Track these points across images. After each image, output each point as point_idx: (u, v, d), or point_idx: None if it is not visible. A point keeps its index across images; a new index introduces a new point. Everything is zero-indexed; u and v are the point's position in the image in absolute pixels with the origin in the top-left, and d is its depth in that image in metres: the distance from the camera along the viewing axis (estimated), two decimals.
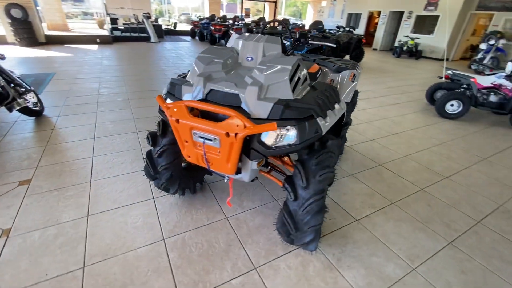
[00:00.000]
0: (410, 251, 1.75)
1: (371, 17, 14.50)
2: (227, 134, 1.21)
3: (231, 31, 9.16)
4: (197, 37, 13.13)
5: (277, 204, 2.11)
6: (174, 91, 1.53)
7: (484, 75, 4.60)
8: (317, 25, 7.69)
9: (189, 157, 1.46)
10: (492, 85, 4.14)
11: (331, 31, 9.10)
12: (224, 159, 1.33)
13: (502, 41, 8.31)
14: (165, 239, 1.72)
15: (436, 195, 2.35)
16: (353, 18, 14.79)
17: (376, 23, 14.64)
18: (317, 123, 1.31)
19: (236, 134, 1.20)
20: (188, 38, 13.60)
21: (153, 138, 1.75)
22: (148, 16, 10.25)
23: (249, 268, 1.56)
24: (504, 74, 4.08)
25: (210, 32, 11.06)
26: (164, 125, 1.74)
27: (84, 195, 2.06)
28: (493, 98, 4.16)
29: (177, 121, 1.32)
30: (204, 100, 1.41)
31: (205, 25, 11.64)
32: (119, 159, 2.57)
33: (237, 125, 1.19)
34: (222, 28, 10.50)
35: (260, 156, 1.35)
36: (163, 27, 12.95)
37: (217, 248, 1.68)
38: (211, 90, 1.40)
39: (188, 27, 15.43)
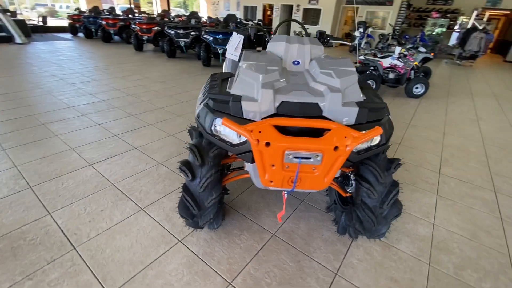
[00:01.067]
0: None
1: (265, 10, 15.57)
2: (335, 148, 1.12)
3: (134, 26, 7.93)
4: (80, 34, 10.77)
5: (306, 204, 2.10)
6: (226, 109, 1.27)
7: (377, 57, 5.81)
8: (232, 18, 7.69)
9: (271, 182, 1.26)
10: (390, 65, 5.30)
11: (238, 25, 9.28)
12: (322, 175, 1.22)
13: (370, 29, 10.62)
14: (232, 282, 1.46)
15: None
16: (249, 11, 15.49)
17: (269, 15, 15.88)
18: (390, 119, 1.38)
19: (346, 146, 1.12)
20: (68, 35, 10.97)
21: (189, 169, 1.41)
22: (5, 10, 7.59)
23: (332, 276, 1.54)
24: (396, 56, 5.29)
25: (102, 28, 9.26)
26: (200, 151, 1.42)
27: (81, 270, 1.46)
28: (391, 75, 5.35)
29: (267, 144, 1.11)
30: (275, 115, 1.24)
31: (91, 19, 9.64)
32: (92, 207, 1.93)
33: (345, 137, 1.12)
34: (118, 23, 8.97)
35: (349, 163, 1.31)
36: (28, 22, 9.91)
37: (289, 270, 1.56)
38: (281, 102, 1.24)
39: (61, 22, 12.39)
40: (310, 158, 1.16)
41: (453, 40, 10.97)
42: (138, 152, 2.67)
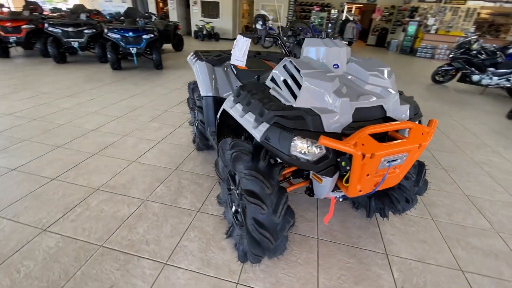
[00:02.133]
0: None
1: (157, 2, 14.20)
2: (419, 146, 1.20)
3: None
4: None
5: (324, 202, 2.18)
6: (304, 125, 1.14)
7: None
8: (134, 12, 6.63)
9: (361, 191, 1.23)
10: None
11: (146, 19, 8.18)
12: (401, 173, 1.29)
13: (270, 22, 11.40)
14: None
15: None
16: (138, 2, 13.78)
17: (163, 8, 14.67)
18: None
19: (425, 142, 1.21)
20: None
21: (261, 200, 1.22)
22: None
23: (385, 257, 1.68)
24: None
25: None
26: (265, 177, 1.24)
27: None
28: None
29: (371, 156, 1.08)
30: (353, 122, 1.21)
31: None
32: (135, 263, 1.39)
33: (422, 134, 1.21)
34: (24, 26, 6.02)
35: None
36: None
37: (353, 266, 1.61)
38: (355, 109, 1.21)
39: None
40: (397, 159, 1.20)
41: (328, 29, 13.18)
42: (106, 194, 2.06)
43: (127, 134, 3.02)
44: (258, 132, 1.20)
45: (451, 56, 6.27)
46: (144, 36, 5.55)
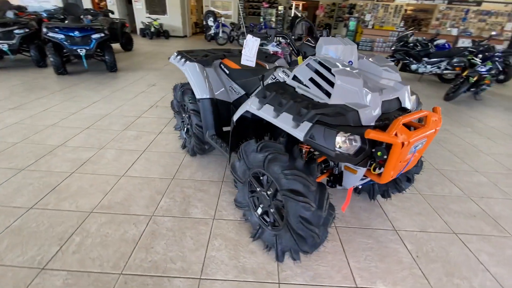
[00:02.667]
0: None
1: None
2: (435, 131, 1.35)
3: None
4: None
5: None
6: (344, 121, 1.19)
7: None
8: (74, 9, 5.80)
9: (392, 176, 1.34)
10: (273, 52, 6.03)
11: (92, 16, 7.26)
12: (419, 156, 1.43)
13: (223, 18, 11.23)
14: (358, 285, 1.48)
15: None
16: None
17: (99, 4, 13.28)
18: None
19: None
20: None
21: (307, 197, 1.24)
22: None
23: (395, 233, 1.87)
24: (275, 43, 6.07)
25: None
26: (307, 174, 1.28)
27: None
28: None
29: (408, 143, 1.19)
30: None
31: None
32: None
33: (435, 119, 1.37)
34: None
35: None
36: None
37: (374, 246, 1.75)
38: (382, 102, 1.31)
39: None
40: (419, 145, 1.35)
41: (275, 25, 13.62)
42: (105, 216, 1.83)
43: (103, 147, 2.70)
44: (300, 131, 1.21)
45: (393, 48, 7.08)
46: (94, 36, 4.96)
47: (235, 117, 1.63)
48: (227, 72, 2.30)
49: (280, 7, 15.32)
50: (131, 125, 3.24)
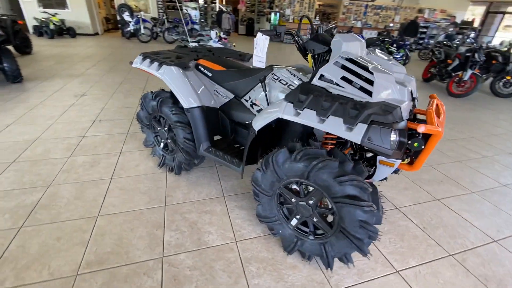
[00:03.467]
0: None
1: None
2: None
3: None
4: None
5: None
6: (392, 118, 1.19)
7: (188, 43, 6.07)
8: None
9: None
10: None
11: None
12: None
13: (142, 13, 10.07)
14: (399, 271, 1.56)
15: None
16: None
17: None
18: None
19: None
20: None
21: (366, 200, 1.22)
22: None
23: (398, 212, 2.06)
24: (217, 40, 5.81)
25: None
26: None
27: None
28: None
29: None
30: None
31: None
32: None
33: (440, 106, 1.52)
34: None
35: None
36: None
37: (397, 220, 1.88)
38: None
39: None
40: None
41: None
42: (102, 275, 1.40)
43: (51, 184, 2.07)
44: (356, 134, 1.15)
45: None
46: None
47: (258, 126, 1.46)
48: (210, 74, 2.05)
49: (201, 1, 14.76)
50: (77, 148, 2.58)
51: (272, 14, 13.93)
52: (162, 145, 2.28)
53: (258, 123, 1.46)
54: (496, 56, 5.01)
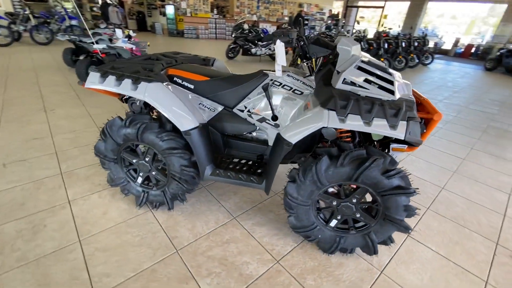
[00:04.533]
0: None
1: None
2: None
3: None
4: None
5: None
6: (414, 112, 1.38)
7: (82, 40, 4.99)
8: None
9: None
10: (128, 49, 4.91)
11: None
12: None
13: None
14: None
15: None
16: None
17: None
18: None
19: None
20: None
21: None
22: None
23: None
24: (126, 40, 4.94)
25: None
26: None
27: None
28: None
29: None
30: None
31: None
32: None
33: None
34: None
35: None
36: None
37: None
38: None
39: None
40: None
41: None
42: None
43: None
44: (399, 132, 1.27)
45: (233, 36, 7.78)
46: None
47: (295, 139, 1.38)
48: (191, 86, 1.77)
49: None
50: (22, 205, 1.75)
51: (167, 7, 12.93)
52: (140, 179, 1.84)
53: (295, 137, 1.38)
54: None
